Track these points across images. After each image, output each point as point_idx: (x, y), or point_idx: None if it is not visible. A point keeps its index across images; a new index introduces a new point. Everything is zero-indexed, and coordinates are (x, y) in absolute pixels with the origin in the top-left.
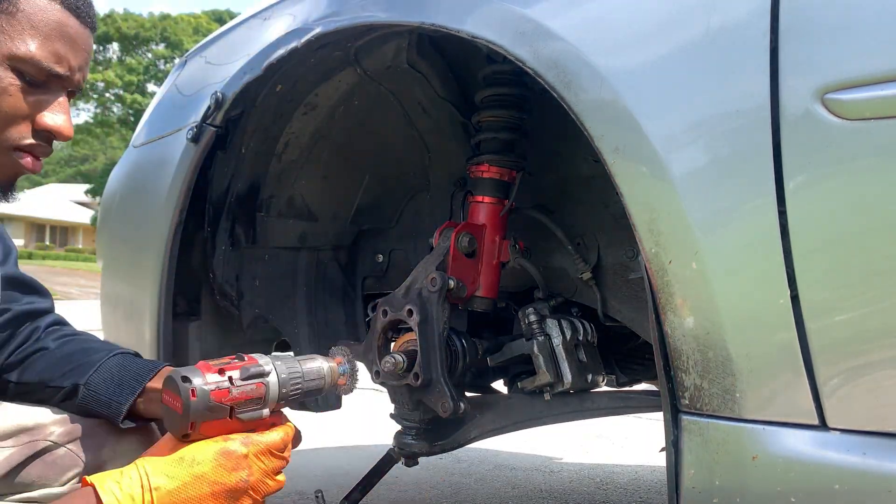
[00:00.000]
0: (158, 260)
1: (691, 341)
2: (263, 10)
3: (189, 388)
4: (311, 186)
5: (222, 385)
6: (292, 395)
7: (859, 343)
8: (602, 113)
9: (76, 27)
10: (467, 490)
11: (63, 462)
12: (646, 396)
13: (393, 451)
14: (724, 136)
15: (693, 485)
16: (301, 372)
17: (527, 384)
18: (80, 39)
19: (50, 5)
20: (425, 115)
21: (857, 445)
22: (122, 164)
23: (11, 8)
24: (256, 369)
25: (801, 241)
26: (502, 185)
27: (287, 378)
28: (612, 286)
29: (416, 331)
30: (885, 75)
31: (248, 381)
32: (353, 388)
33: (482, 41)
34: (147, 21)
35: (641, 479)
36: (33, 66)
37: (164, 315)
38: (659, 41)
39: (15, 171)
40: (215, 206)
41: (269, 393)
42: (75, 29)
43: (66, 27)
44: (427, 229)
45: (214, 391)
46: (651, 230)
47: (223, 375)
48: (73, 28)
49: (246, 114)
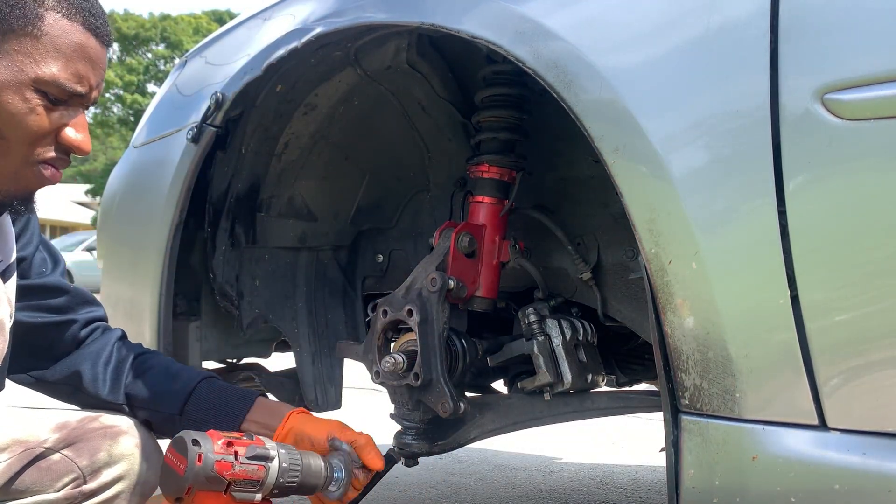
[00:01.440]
0: (158, 260)
1: (691, 341)
2: (263, 10)
3: (197, 453)
4: (311, 186)
5: (228, 458)
6: (288, 484)
7: (859, 343)
8: (602, 113)
9: (95, 47)
10: (467, 490)
11: (58, 468)
12: (646, 396)
13: (393, 451)
14: (724, 136)
15: (693, 485)
16: (301, 465)
17: (527, 384)
18: (98, 59)
19: (72, 27)
20: (425, 115)
21: (857, 445)
22: (122, 165)
23: (36, 31)
24: (262, 451)
25: (801, 242)
26: (502, 185)
27: (287, 468)
28: (612, 286)
29: (416, 331)
30: (885, 75)
31: (252, 461)
32: (338, 496)
33: (482, 41)
34: (147, 21)
35: (641, 479)
36: (57, 87)
37: (164, 315)
38: (659, 41)
39: (39, 183)
40: (215, 206)
41: (267, 477)
42: (95, 49)
43: (86, 48)
44: (427, 229)
45: (219, 462)
46: (651, 230)
47: (230, 449)
48: (92, 49)
49: (246, 114)
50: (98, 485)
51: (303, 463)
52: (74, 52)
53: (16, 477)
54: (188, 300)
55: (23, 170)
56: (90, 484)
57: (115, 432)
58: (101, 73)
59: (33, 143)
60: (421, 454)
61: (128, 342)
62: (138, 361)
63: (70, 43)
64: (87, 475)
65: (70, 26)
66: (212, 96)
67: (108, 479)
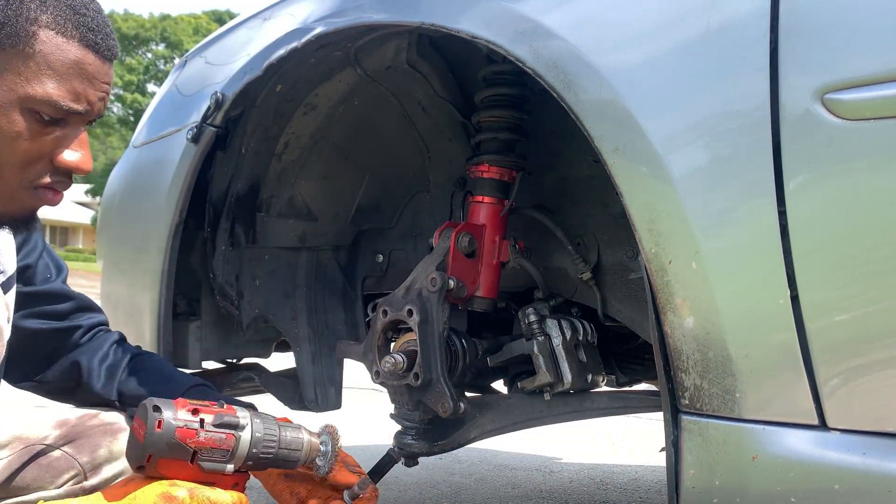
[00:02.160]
0: (158, 260)
1: (691, 341)
2: (263, 10)
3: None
4: (311, 186)
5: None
6: (262, 456)
7: (859, 343)
8: (602, 113)
9: (94, 63)
10: (467, 490)
11: (58, 465)
12: (646, 396)
13: (393, 451)
14: (724, 136)
15: (693, 485)
16: (277, 437)
17: (527, 384)
18: (98, 74)
19: (67, 44)
20: (425, 115)
21: (857, 445)
22: (122, 164)
23: (28, 49)
24: (231, 419)
25: (801, 241)
26: (502, 185)
27: (261, 438)
28: (612, 286)
29: (416, 331)
30: (885, 75)
31: (219, 428)
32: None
33: (482, 41)
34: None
35: (641, 479)
36: (50, 106)
37: (164, 315)
38: (659, 41)
39: (36, 205)
40: (215, 206)
41: (238, 448)
42: (94, 65)
43: (84, 65)
44: (427, 229)
45: (182, 429)
46: (651, 230)
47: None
48: (91, 65)
49: (246, 114)
50: (99, 481)
51: (280, 435)
52: (70, 70)
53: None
54: (188, 300)
55: (18, 193)
56: (91, 480)
57: (115, 429)
58: (102, 87)
59: (25, 167)
60: (421, 454)
61: (126, 344)
62: (134, 361)
63: (65, 60)
64: (87, 471)
65: (65, 43)
66: (212, 96)
67: (109, 476)
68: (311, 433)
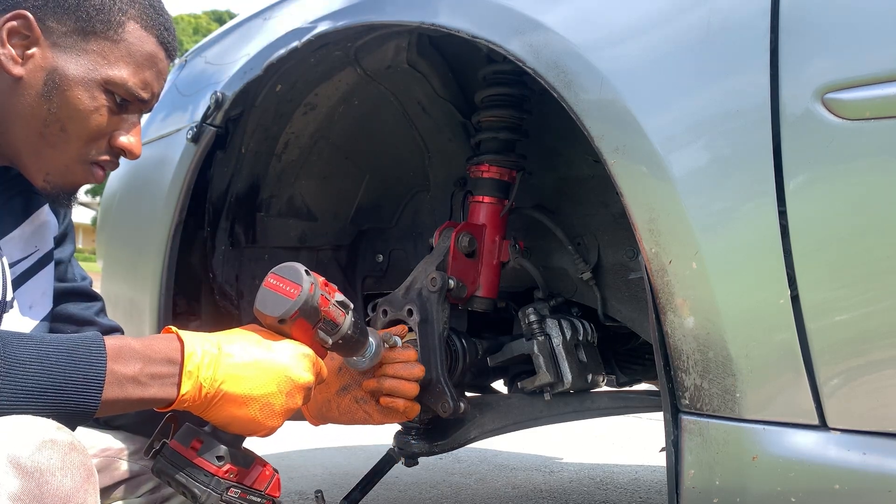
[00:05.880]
0: (158, 260)
1: (691, 341)
2: (263, 10)
3: (310, 282)
4: (311, 186)
5: (327, 295)
6: (347, 338)
7: (859, 343)
8: (602, 113)
9: (163, 60)
10: (467, 490)
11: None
12: (646, 396)
13: (393, 451)
14: (725, 136)
15: (693, 485)
16: (361, 325)
17: (527, 384)
18: (164, 71)
19: (148, 38)
20: (425, 115)
21: (857, 445)
22: (122, 164)
23: (116, 36)
24: (345, 301)
25: (801, 241)
26: (502, 185)
27: (355, 321)
28: (612, 286)
29: (415, 331)
30: (885, 75)
31: (339, 305)
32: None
33: (482, 41)
34: None
35: (641, 479)
36: (124, 90)
37: (164, 315)
38: (659, 41)
39: (85, 180)
40: (215, 206)
41: (344, 324)
42: (163, 62)
43: (156, 59)
44: (427, 229)
45: (322, 296)
46: (651, 230)
47: (327, 288)
48: (161, 61)
49: (246, 114)
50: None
51: (363, 324)
52: (146, 61)
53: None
54: (188, 300)
55: (73, 165)
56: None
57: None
58: (163, 84)
59: (90, 141)
60: (421, 454)
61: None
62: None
63: (144, 52)
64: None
65: (146, 37)
66: (212, 96)
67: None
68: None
